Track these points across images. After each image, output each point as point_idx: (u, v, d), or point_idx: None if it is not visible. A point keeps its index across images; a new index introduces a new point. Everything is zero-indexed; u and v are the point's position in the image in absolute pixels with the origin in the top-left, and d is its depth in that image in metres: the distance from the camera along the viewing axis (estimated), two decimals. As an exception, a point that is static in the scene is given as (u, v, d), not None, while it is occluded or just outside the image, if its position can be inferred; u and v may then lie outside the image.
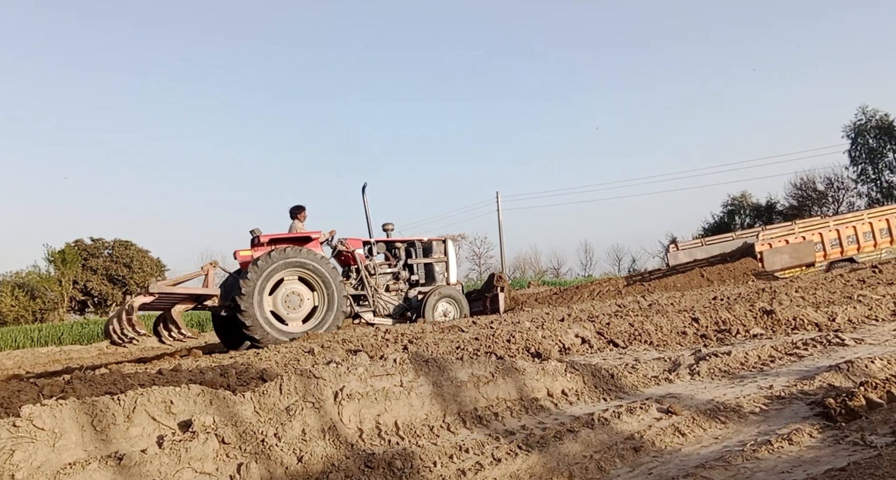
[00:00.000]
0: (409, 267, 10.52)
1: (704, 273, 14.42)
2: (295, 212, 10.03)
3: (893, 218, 14.87)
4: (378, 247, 10.40)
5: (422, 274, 10.63)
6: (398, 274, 10.37)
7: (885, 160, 38.30)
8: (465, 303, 10.43)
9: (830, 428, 2.73)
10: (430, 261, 10.67)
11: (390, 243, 10.58)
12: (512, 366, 3.55)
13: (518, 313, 10.53)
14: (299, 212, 10.01)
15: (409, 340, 6.27)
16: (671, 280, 14.41)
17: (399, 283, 10.31)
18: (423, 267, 10.66)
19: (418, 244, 10.76)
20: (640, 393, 3.72)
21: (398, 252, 10.59)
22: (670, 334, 5.90)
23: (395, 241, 10.63)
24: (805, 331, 5.50)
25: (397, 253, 10.59)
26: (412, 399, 3.05)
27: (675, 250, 17.31)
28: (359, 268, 9.80)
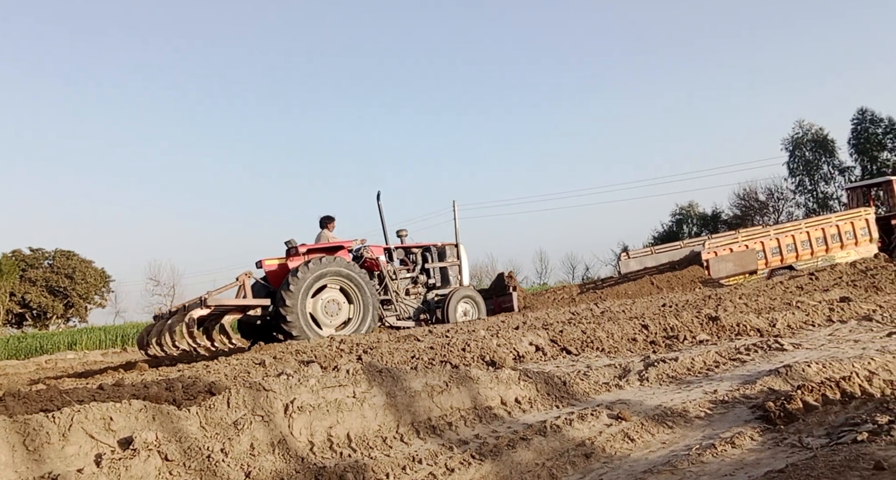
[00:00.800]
0: (425, 272, 10.97)
1: (654, 280, 14.79)
2: (325, 221, 10.47)
3: (828, 227, 15.60)
4: (397, 253, 10.81)
5: (437, 278, 11.04)
6: (416, 279, 10.83)
7: (820, 172, 40.22)
8: (482, 304, 10.95)
9: (770, 431, 2.83)
10: (444, 265, 11.14)
11: (407, 249, 11.01)
12: (466, 375, 3.55)
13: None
14: (329, 222, 10.46)
15: (364, 350, 6.21)
16: (623, 287, 14.73)
17: (417, 287, 10.78)
18: (438, 270, 11.08)
19: (433, 249, 11.21)
20: (591, 399, 3.77)
21: (415, 257, 11.02)
22: (621, 341, 6.02)
23: (412, 247, 11.07)
24: (748, 337, 5.70)
25: (414, 258, 11.01)
26: (365, 410, 3.02)
27: (627, 258, 17.71)
28: (382, 274, 10.20)
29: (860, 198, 19.42)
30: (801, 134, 40.59)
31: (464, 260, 11.47)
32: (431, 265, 11.03)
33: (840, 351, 4.41)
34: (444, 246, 11.39)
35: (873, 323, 5.73)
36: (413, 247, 11.08)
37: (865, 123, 38.43)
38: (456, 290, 10.68)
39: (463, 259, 11.45)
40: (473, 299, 10.86)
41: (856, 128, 38.64)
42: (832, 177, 40.03)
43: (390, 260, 10.63)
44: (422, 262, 11.00)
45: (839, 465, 2.12)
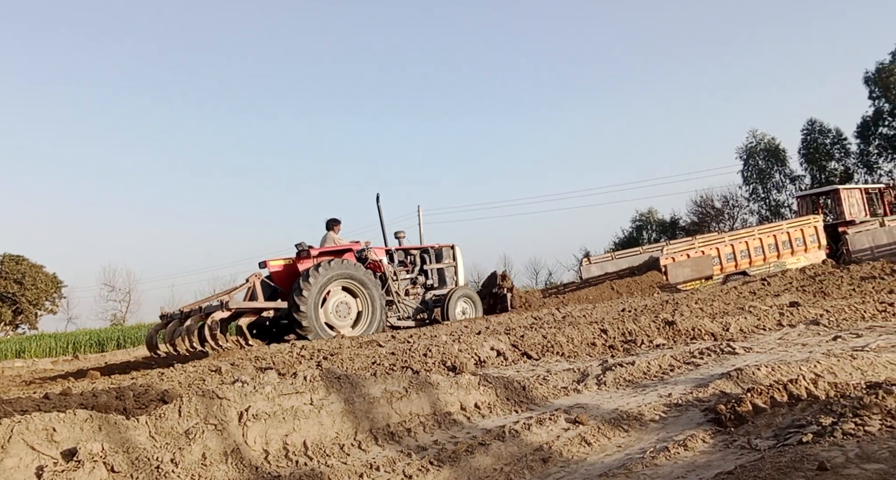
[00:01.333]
0: (424, 273, 11.32)
1: (614, 286, 15.08)
2: (331, 224, 10.78)
3: (779, 234, 16.15)
4: (397, 255, 11.12)
5: (435, 279, 11.40)
6: (415, 279, 11.19)
7: (772, 180, 41.64)
8: (479, 303, 11.39)
9: (721, 433, 2.90)
10: (441, 266, 11.51)
11: (406, 250, 11.32)
12: (426, 381, 3.54)
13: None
14: (335, 225, 10.78)
15: (325, 356, 6.14)
16: (584, 292, 14.96)
17: (416, 288, 11.13)
18: (436, 271, 11.45)
19: (431, 250, 11.56)
20: (550, 404, 3.81)
21: (414, 258, 11.36)
22: (581, 345, 6.09)
23: (411, 248, 11.40)
24: (702, 341, 5.84)
25: (413, 260, 11.34)
26: (322, 417, 2.98)
27: (588, 264, 18.00)
28: (384, 276, 10.45)
29: (809, 206, 20.17)
30: (755, 143, 41.97)
31: (459, 262, 11.81)
32: (429, 266, 11.36)
33: (788, 354, 4.56)
34: (441, 247, 11.72)
35: (820, 327, 5.94)
36: (412, 249, 11.39)
37: (815, 134, 39.98)
38: (455, 290, 11.03)
39: (459, 260, 11.80)
40: (471, 299, 11.27)
41: (805, 139, 40.16)
42: (784, 185, 41.48)
43: (391, 261, 10.92)
44: (420, 264, 11.33)
45: (785, 466, 2.19)
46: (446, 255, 11.68)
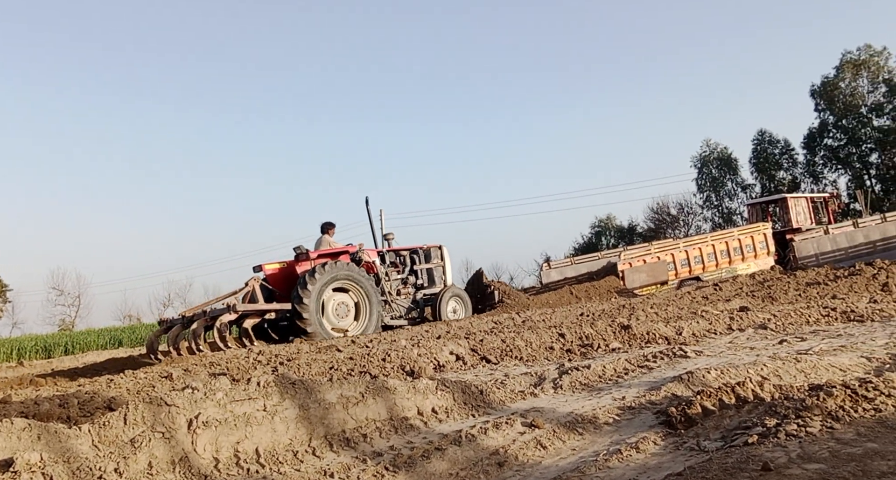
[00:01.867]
0: (414, 273, 11.68)
1: (574, 290, 15.28)
2: (326, 227, 11.08)
3: (731, 241, 16.67)
4: (389, 256, 11.46)
5: (425, 278, 11.76)
6: (406, 279, 11.54)
7: (725, 189, 43.01)
8: (468, 302, 11.84)
9: (672, 435, 2.97)
10: (430, 266, 11.88)
11: (397, 251, 11.65)
12: (383, 386, 3.52)
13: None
14: (330, 228, 11.08)
15: (281, 362, 6.04)
16: (544, 297, 15.10)
17: (407, 287, 11.48)
18: (425, 271, 11.80)
19: (420, 251, 11.91)
20: (507, 407, 3.83)
21: (404, 259, 11.71)
22: (539, 349, 6.15)
23: (401, 249, 11.73)
24: (656, 345, 5.97)
25: (403, 260, 11.70)
26: (276, 423, 2.93)
27: (548, 269, 18.23)
28: (377, 276, 10.81)
29: (759, 213, 20.89)
30: (709, 152, 43.28)
31: (447, 261, 12.20)
32: (419, 266, 11.73)
33: (737, 357, 4.69)
34: (430, 248, 12.09)
35: (768, 331, 6.14)
36: (402, 250, 11.74)
37: (764, 144, 41.49)
38: (446, 290, 11.47)
39: (446, 260, 12.19)
40: (461, 298, 11.73)
41: (756, 149, 41.64)
42: (735, 193, 42.88)
43: (383, 262, 11.26)
44: (410, 264, 11.70)
45: (731, 467, 2.24)
46: (434, 255, 12.04)
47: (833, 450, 2.25)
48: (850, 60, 37.67)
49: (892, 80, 36.72)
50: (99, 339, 25.08)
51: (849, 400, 2.71)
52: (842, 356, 4.31)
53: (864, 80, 37.71)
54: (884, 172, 37.58)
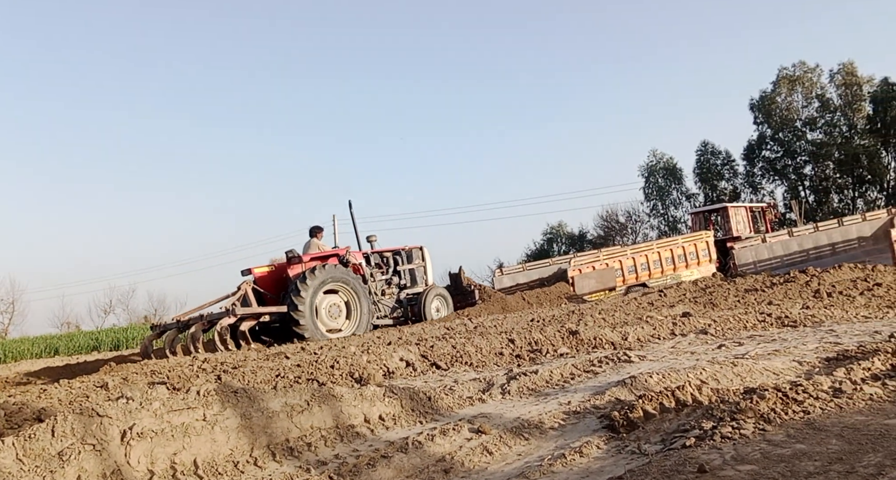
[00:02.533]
0: (397, 273, 12.05)
1: (525, 296, 15.46)
2: (314, 231, 11.41)
3: (675, 248, 17.21)
4: (373, 258, 11.83)
5: (408, 279, 12.13)
6: (390, 280, 11.91)
7: (670, 197, 44.41)
8: (450, 300, 12.29)
9: (615, 439, 3.03)
10: (412, 267, 12.27)
11: (380, 253, 12.02)
12: (329, 393, 3.47)
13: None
14: (318, 232, 11.41)
15: (226, 370, 5.88)
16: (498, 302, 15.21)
17: (392, 288, 11.85)
18: (408, 272, 12.18)
19: (403, 252, 12.28)
20: (455, 414, 3.83)
21: (387, 260, 12.07)
22: (489, 355, 6.18)
23: (384, 251, 12.11)
24: (603, 350, 6.09)
25: (387, 261, 12.04)
26: (216, 433, 2.84)
27: (501, 275, 18.39)
28: (364, 278, 11.07)
29: (702, 222, 21.64)
30: (655, 162, 44.62)
31: (428, 262, 12.62)
32: (402, 267, 12.11)
33: (678, 362, 4.83)
34: (411, 249, 12.47)
35: (708, 336, 6.35)
36: (385, 252, 12.12)
37: (707, 155, 43.04)
38: (430, 290, 11.92)
39: (427, 260, 12.60)
40: (444, 297, 12.19)
41: (699, 159, 43.16)
42: (680, 202, 44.27)
43: (368, 264, 11.61)
44: (393, 265, 12.07)
45: (669, 470, 2.30)
46: (416, 256, 12.45)
47: (764, 452, 2.34)
48: (785, 76, 39.57)
49: (824, 96, 38.76)
50: (34, 347, 23.92)
51: (780, 403, 2.82)
52: (775, 360, 4.50)
53: (799, 95, 39.67)
54: (816, 184, 39.54)
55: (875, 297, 8.27)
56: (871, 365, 3.80)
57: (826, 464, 2.14)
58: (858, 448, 2.26)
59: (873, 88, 37.19)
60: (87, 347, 25.00)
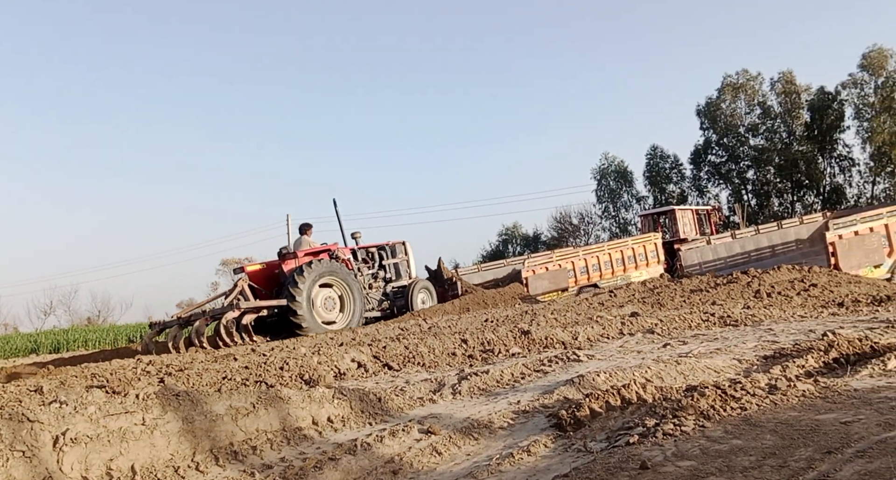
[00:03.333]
0: (383, 268, 12.60)
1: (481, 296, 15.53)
2: (304, 228, 11.80)
3: (625, 249, 17.61)
4: (360, 253, 12.38)
5: (392, 272, 12.68)
6: (376, 274, 12.45)
7: (621, 200, 45.50)
8: (434, 292, 12.93)
9: (562, 438, 3.07)
10: (396, 261, 12.82)
11: (366, 248, 12.57)
12: (276, 395, 3.40)
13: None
14: (308, 229, 11.77)
15: (170, 372, 5.69)
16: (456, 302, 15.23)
17: (378, 281, 12.38)
18: (392, 266, 12.73)
19: (387, 247, 12.85)
20: (405, 415, 3.81)
21: (373, 255, 12.60)
22: (442, 355, 6.18)
23: (370, 246, 12.68)
24: (554, 349, 6.17)
25: (373, 256, 12.58)
26: (156, 438, 2.74)
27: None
28: (353, 272, 11.54)
29: (651, 224, 22.22)
30: (607, 165, 45.62)
31: (411, 256, 13.20)
32: (387, 261, 12.67)
33: (625, 361, 4.94)
34: (395, 244, 13.05)
35: (654, 335, 6.52)
36: (370, 247, 12.68)
37: (656, 159, 44.29)
38: (415, 282, 12.53)
39: (410, 255, 13.17)
40: (428, 289, 12.80)
41: (649, 163, 44.37)
42: (630, 204, 45.43)
43: (355, 259, 12.14)
44: (379, 260, 12.62)
45: (613, 467, 2.35)
46: (399, 251, 13.01)
47: (703, 447, 2.42)
48: (729, 83, 41.10)
49: (765, 104, 40.43)
50: (-35, 350, 22.69)
51: (719, 400, 2.92)
52: (717, 358, 4.65)
53: (742, 102, 41.27)
54: (758, 188, 41.19)
55: (811, 297, 8.66)
56: (804, 363, 3.98)
57: (760, 459, 2.23)
58: (791, 443, 2.36)
59: (811, 97, 39.03)
60: (24, 350, 23.90)
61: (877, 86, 36.21)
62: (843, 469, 2.02)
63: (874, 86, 36.37)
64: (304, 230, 11.81)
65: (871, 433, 2.35)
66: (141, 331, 28.32)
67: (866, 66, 36.30)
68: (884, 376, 3.49)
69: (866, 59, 36.21)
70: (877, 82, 36.23)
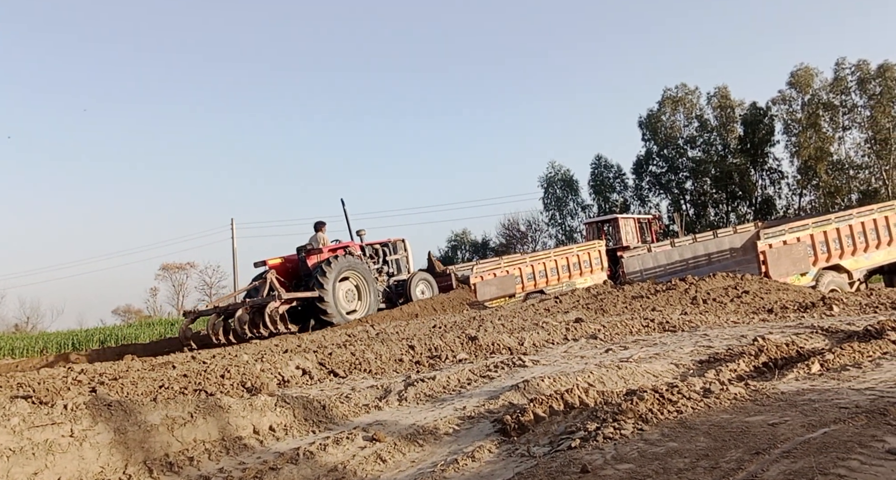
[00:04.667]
0: (386, 263, 13.74)
1: (430, 302, 15.52)
2: (318, 226, 12.79)
3: (571, 256, 17.98)
4: (367, 249, 13.43)
5: (394, 267, 13.83)
6: (381, 269, 13.53)
7: (567, 208, 46.47)
8: (434, 283, 14.04)
9: (506, 443, 3.10)
10: (397, 257, 14.05)
11: (371, 245, 13.68)
12: (215, 404, 3.30)
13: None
14: (322, 226, 12.81)
15: (102, 382, 5.44)
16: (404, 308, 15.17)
17: (382, 276, 13.45)
18: (394, 261, 13.90)
19: (389, 244, 14.03)
20: (349, 422, 3.76)
21: (377, 251, 13.71)
22: (389, 362, 6.14)
23: (374, 243, 13.81)
24: (500, 355, 6.23)
25: (377, 252, 13.69)
26: (85, 450, 2.62)
27: (405, 281, 18.34)
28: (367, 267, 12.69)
29: (595, 232, 22.77)
30: (554, 173, 46.53)
31: (410, 252, 14.42)
32: (390, 257, 13.83)
33: (569, 366, 5.03)
34: (396, 241, 14.24)
35: (597, 340, 6.67)
36: (375, 244, 13.79)
37: (601, 168, 45.49)
38: (414, 275, 13.66)
39: (409, 251, 14.41)
40: (428, 281, 13.90)
41: (594, 172, 45.52)
42: (576, 212, 46.44)
43: (364, 255, 13.10)
44: (383, 255, 13.74)
45: (555, 471, 2.39)
46: (400, 247, 14.19)
47: (641, 450, 2.49)
48: (669, 97, 42.69)
49: (702, 117, 42.17)
50: None
51: (657, 404, 3.01)
52: (656, 363, 4.80)
53: (681, 115, 42.93)
54: (696, 198, 42.85)
55: (743, 304, 9.05)
56: (736, 367, 4.15)
57: (694, 460, 2.31)
58: (723, 445, 2.45)
59: (744, 111, 40.97)
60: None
61: (803, 103, 38.36)
62: (769, 469, 2.12)
63: (801, 102, 38.52)
64: (319, 227, 12.82)
65: (796, 434, 2.47)
66: (73, 338, 26.96)
67: (794, 84, 38.40)
68: (808, 379, 3.69)
69: (794, 76, 38.32)
70: (804, 99, 38.38)
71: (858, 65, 36.70)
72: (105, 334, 28.21)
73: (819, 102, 37.60)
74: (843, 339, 5.14)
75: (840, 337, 5.27)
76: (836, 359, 4.13)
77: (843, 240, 12.41)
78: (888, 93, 35.33)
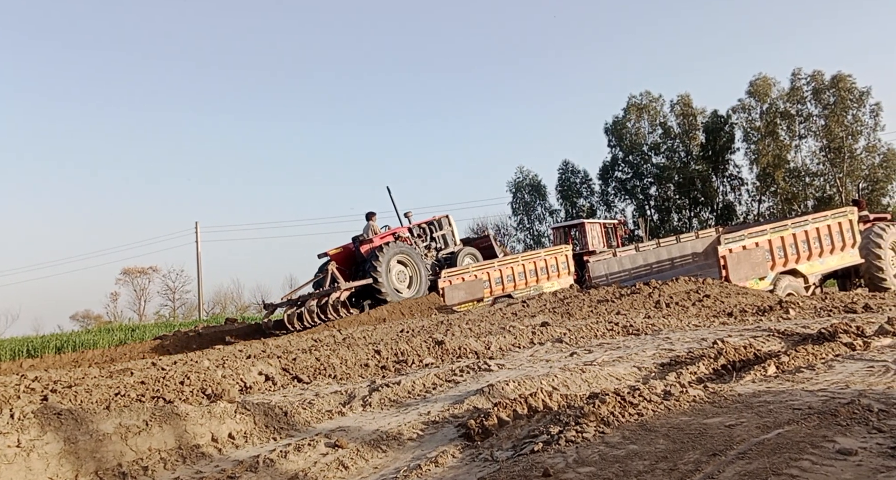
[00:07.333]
0: (433, 239, 15.67)
1: (398, 307, 15.45)
2: (370, 215, 14.47)
3: (538, 261, 18.11)
4: (416, 230, 15.34)
5: (441, 243, 15.78)
6: (430, 245, 15.53)
7: (535, 213, 46.92)
8: (480, 256, 16.00)
9: (470, 447, 3.09)
10: (443, 233, 15.92)
11: (419, 225, 15.54)
12: (172, 412, 3.21)
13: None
14: (373, 216, 14.50)
15: (55, 389, 5.25)
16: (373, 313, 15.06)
17: (431, 251, 15.41)
18: (441, 237, 15.83)
19: (435, 222, 15.91)
20: (312, 428, 3.71)
21: (425, 230, 15.65)
22: (354, 367, 6.09)
23: (421, 223, 15.63)
24: (467, 359, 6.23)
25: (425, 231, 15.65)
26: (32, 461, 2.52)
27: (373, 285, 18.23)
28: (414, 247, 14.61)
29: (562, 236, 22.99)
30: (522, 178, 46.94)
31: (454, 227, 16.31)
32: (437, 234, 15.70)
33: (534, 369, 5.06)
34: (441, 218, 16.07)
35: (563, 344, 6.73)
36: (422, 223, 15.60)
37: (568, 173, 46.07)
38: (461, 249, 15.71)
39: (454, 226, 16.31)
40: (474, 254, 15.85)
41: (561, 177, 46.07)
42: (544, 217, 46.92)
43: (412, 235, 15.06)
44: (430, 233, 15.60)
45: (517, 475, 2.39)
46: (444, 223, 16.03)
47: (602, 453, 2.50)
48: (634, 104, 43.53)
49: (666, 124, 43.10)
50: None
51: (618, 407, 3.04)
52: (619, 366, 4.86)
53: (646, 122, 43.81)
54: (660, 203, 43.73)
55: (704, 307, 9.25)
56: (696, 370, 4.23)
57: (654, 463, 2.34)
58: (681, 447, 2.49)
59: (706, 119, 42.01)
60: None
61: (762, 112, 39.53)
62: (725, 470, 2.15)
63: (760, 111, 39.69)
64: (370, 217, 14.42)
65: (752, 435, 2.52)
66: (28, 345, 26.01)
67: (753, 93, 39.56)
68: (764, 381, 3.78)
69: (753, 86, 39.48)
70: (762, 108, 39.56)
71: (814, 75, 38.00)
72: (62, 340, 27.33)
73: (777, 111, 38.80)
74: (798, 342, 5.28)
75: (795, 340, 5.42)
76: (791, 361, 4.25)
77: (799, 245, 12.79)
78: (841, 103, 36.66)
